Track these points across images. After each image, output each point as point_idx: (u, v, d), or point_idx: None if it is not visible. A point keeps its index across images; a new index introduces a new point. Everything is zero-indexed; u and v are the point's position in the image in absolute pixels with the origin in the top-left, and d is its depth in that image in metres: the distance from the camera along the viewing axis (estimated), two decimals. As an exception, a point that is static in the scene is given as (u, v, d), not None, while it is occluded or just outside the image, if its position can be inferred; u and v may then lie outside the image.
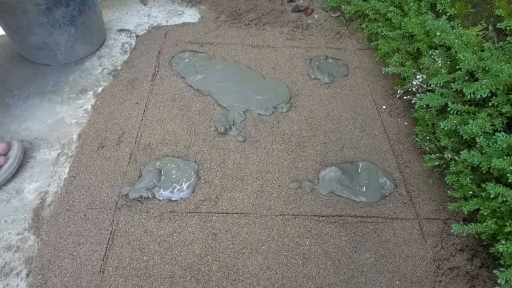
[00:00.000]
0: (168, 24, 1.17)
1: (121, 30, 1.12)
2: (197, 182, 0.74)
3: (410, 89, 0.82)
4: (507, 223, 0.54)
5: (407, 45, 0.87)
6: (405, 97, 0.88)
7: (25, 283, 0.59)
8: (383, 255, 0.65)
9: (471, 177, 0.63)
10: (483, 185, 0.58)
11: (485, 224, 0.57)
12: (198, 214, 0.69)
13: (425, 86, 0.79)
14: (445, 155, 0.69)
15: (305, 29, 1.17)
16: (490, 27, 0.74)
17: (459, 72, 0.68)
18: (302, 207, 0.71)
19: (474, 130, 0.59)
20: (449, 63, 0.74)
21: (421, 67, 0.80)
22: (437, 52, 0.75)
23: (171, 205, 0.70)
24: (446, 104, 0.67)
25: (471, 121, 0.60)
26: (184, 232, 0.66)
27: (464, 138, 0.63)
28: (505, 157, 0.54)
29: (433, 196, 0.74)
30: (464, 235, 0.67)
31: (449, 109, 0.66)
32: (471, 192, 0.62)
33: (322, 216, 0.70)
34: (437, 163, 0.72)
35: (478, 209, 0.60)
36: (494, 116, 0.61)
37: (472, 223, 0.58)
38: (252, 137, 0.83)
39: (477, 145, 0.61)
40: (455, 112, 0.66)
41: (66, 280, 0.59)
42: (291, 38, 1.12)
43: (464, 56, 0.65)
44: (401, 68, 0.84)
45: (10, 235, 0.65)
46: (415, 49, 0.85)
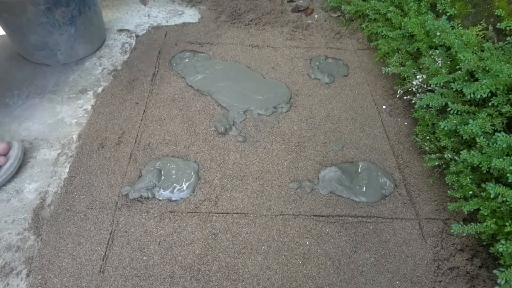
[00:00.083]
0: (168, 24, 1.17)
1: (121, 30, 1.12)
2: (197, 182, 0.74)
3: (410, 89, 0.82)
4: (507, 223, 0.54)
5: (407, 45, 0.87)
6: (405, 97, 0.88)
7: (25, 283, 0.59)
8: (383, 255, 0.65)
9: (471, 177, 0.63)
10: (483, 185, 0.58)
11: (485, 224, 0.57)
12: (198, 214, 0.69)
13: (425, 86, 0.79)
14: (445, 155, 0.69)
15: (305, 29, 1.17)
16: (490, 27, 0.74)
17: (459, 72, 0.68)
18: (302, 207, 0.71)
19: (474, 130, 0.59)
20: (449, 63, 0.74)
21: (421, 67, 0.80)
22: (437, 52, 0.75)
23: (171, 205, 0.70)
24: (446, 104, 0.67)
25: (471, 121, 0.60)
26: (184, 232, 0.66)
27: (464, 138, 0.63)
28: (505, 157, 0.54)
29: (433, 196, 0.74)
30: (464, 235, 0.67)
31: (449, 109, 0.66)
32: (471, 192, 0.62)
33: (322, 216, 0.70)
34: (437, 163, 0.72)
35: (478, 209, 0.60)
36: (494, 116, 0.61)
37: (472, 223, 0.58)
38: (252, 137, 0.83)
39: (477, 145, 0.61)
40: (455, 112, 0.66)
41: (66, 280, 0.59)
42: (291, 38, 1.12)
43: (464, 56, 0.65)
44: (401, 68, 0.84)
45: (10, 235, 0.65)
46: (415, 49, 0.85)
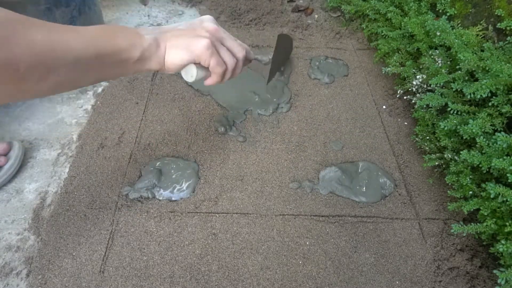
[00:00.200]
0: (168, 24, 1.17)
1: (121, 30, 1.12)
2: (197, 182, 0.74)
3: (410, 89, 0.82)
4: (507, 223, 0.54)
5: (407, 45, 0.86)
6: (405, 97, 0.88)
7: (25, 283, 0.59)
8: (383, 255, 0.65)
9: (471, 177, 0.63)
10: (483, 185, 0.58)
11: (485, 224, 0.57)
12: (198, 214, 0.69)
13: (425, 86, 0.79)
14: (445, 155, 0.69)
15: (305, 29, 1.17)
16: (490, 27, 0.74)
17: (459, 72, 0.68)
18: (302, 207, 0.71)
19: (474, 130, 0.59)
20: (449, 63, 0.74)
21: (421, 67, 0.80)
22: (437, 52, 0.75)
23: (171, 205, 0.70)
24: (446, 104, 0.67)
25: (471, 121, 0.60)
26: (184, 232, 0.66)
27: (464, 138, 0.63)
28: (505, 157, 0.54)
29: (433, 196, 0.74)
30: (464, 235, 0.67)
31: (449, 109, 0.66)
32: (471, 192, 0.62)
33: (322, 216, 0.70)
34: (437, 163, 0.72)
35: (478, 209, 0.60)
36: (494, 116, 0.61)
37: (472, 223, 0.58)
38: (252, 137, 0.83)
39: (477, 145, 0.61)
40: (455, 112, 0.66)
41: (66, 280, 0.59)
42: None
43: (464, 56, 0.65)
44: (401, 68, 0.84)
45: (10, 235, 0.65)
46: (415, 49, 0.84)
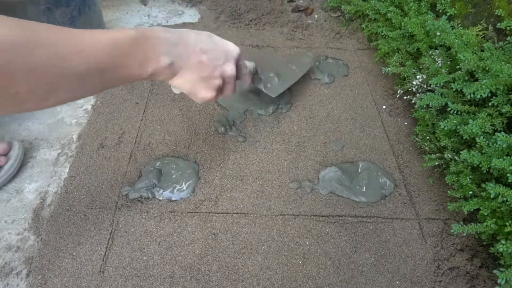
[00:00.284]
0: (168, 24, 1.17)
1: (121, 30, 1.12)
2: (197, 182, 0.74)
3: (410, 89, 0.82)
4: (507, 223, 0.54)
5: (407, 45, 0.86)
6: (405, 97, 0.88)
7: (25, 283, 0.59)
8: (383, 255, 0.65)
9: (471, 177, 0.63)
10: (483, 185, 0.58)
11: (485, 224, 0.57)
12: (198, 214, 0.69)
13: (425, 86, 0.79)
14: (445, 155, 0.69)
15: (305, 29, 1.17)
16: (490, 27, 0.74)
17: (459, 72, 0.68)
18: (302, 207, 0.71)
19: (474, 130, 0.59)
20: (449, 63, 0.74)
21: (421, 67, 0.80)
22: (437, 52, 0.75)
23: (171, 205, 0.70)
24: (446, 104, 0.67)
25: (471, 121, 0.60)
26: (184, 232, 0.66)
27: (464, 138, 0.63)
28: (505, 157, 0.54)
29: (433, 196, 0.74)
30: (464, 235, 0.67)
31: (449, 109, 0.66)
32: (471, 192, 0.62)
33: (322, 216, 0.70)
34: (437, 163, 0.72)
35: (478, 209, 0.60)
36: (494, 116, 0.61)
37: (472, 223, 0.58)
38: (252, 137, 0.83)
39: (477, 145, 0.61)
40: (455, 112, 0.66)
41: (66, 280, 0.59)
42: (291, 38, 1.12)
43: (464, 56, 0.65)
44: (401, 68, 0.84)
45: (10, 235, 0.65)
46: (415, 49, 0.85)
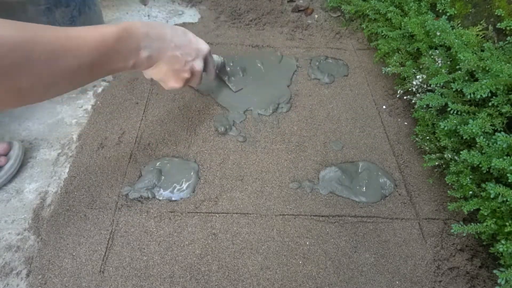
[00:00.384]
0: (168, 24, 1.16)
1: (121, 30, 1.12)
2: (197, 182, 0.74)
3: (410, 89, 0.82)
4: (507, 223, 0.54)
5: (407, 45, 0.87)
6: (405, 97, 0.88)
7: (25, 283, 0.59)
8: (383, 255, 0.65)
9: (471, 177, 0.63)
10: (483, 185, 0.58)
11: (485, 224, 0.57)
12: (198, 214, 0.69)
13: (425, 86, 0.79)
14: (445, 155, 0.69)
15: (305, 29, 1.17)
16: (490, 27, 0.74)
17: (459, 72, 0.68)
18: (302, 207, 0.71)
19: (474, 130, 0.59)
20: (449, 63, 0.74)
21: (421, 67, 0.80)
22: (437, 52, 0.75)
23: (171, 205, 0.70)
24: (446, 104, 0.67)
25: (471, 121, 0.60)
26: (184, 232, 0.66)
27: (464, 138, 0.63)
28: (505, 157, 0.54)
29: (433, 196, 0.74)
30: (464, 235, 0.67)
31: (449, 109, 0.66)
32: (471, 192, 0.62)
33: (322, 216, 0.70)
34: (437, 163, 0.72)
35: (478, 209, 0.60)
36: (494, 116, 0.61)
37: (472, 223, 0.58)
38: (252, 137, 0.83)
39: (477, 145, 0.61)
40: (455, 112, 0.66)
41: (66, 280, 0.59)
42: (291, 38, 1.12)
43: (464, 56, 0.65)
44: (401, 68, 0.84)
45: (10, 235, 0.65)
46: (415, 49, 0.85)
